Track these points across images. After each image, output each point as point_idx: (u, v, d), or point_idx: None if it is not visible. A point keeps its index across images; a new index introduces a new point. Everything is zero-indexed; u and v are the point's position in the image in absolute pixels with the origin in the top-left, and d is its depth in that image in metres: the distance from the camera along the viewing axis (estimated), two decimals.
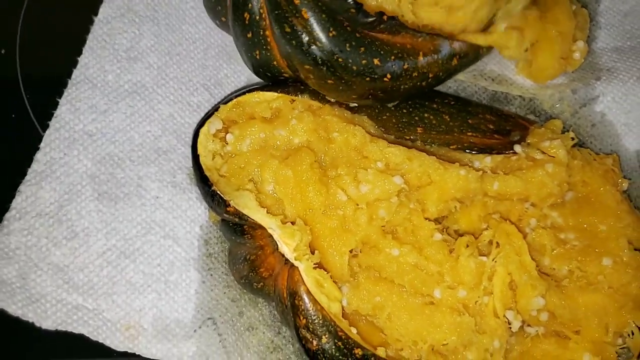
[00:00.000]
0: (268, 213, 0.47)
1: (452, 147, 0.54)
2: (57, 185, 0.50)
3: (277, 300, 0.48)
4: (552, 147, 0.52)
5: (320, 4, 0.45)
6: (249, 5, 0.48)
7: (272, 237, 0.46)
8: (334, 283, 0.46)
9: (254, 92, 0.52)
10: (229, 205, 0.46)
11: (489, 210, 0.52)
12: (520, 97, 0.59)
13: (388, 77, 0.47)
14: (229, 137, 0.51)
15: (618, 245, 0.50)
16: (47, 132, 0.52)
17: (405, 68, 0.48)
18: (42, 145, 0.51)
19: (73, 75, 0.54)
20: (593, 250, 0.50)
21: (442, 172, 0.50)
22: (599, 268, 0.49)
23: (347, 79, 0.47)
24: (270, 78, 0.53)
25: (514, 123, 0.57)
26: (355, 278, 0.48)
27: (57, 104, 0.55)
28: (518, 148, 0.53)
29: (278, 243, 0.45)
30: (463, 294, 0.47)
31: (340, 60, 0.46)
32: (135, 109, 0.54)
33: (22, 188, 0.50)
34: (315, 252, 0.46)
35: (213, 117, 0.51)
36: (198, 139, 0.50)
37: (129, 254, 0.50)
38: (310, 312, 0.45)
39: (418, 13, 0.49)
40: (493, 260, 0.49)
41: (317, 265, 0.46)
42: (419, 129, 0.56)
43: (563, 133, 0.55)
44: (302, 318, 0.45)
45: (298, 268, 0.45)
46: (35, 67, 0.58)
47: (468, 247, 0.49)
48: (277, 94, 0.52)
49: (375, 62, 0.46)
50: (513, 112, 0.58)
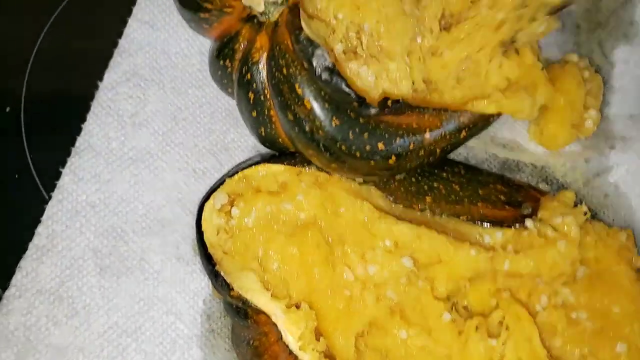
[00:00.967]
0: (273, 296, 0.46)
1: (462, 217, 0.53)
2: (58, 260, 0.50)
3: None
4: (564, 223, 0.51)
5: (324, 94, 0.45)
6: (254, 85, 0.48)
7: (276, 324, 0.45)
8: None
9: (261, 164, 0.52)
10: (233, 289, 0.46)
11: (499, 286, 0.51)
12: (532, 164, 0.58)
13: (393, 159, 0.47)
14: (235, 211, 0.50)
15: (633, 331, 0.49)
16: (49, 203, 0.51)
17: (412, 148, 0.47)
18: (44, 218, 0.51)
19: (77, 143, 0.53)
20: (607, 334, 0.49)
21: (452, 252, 0.49)
22: (613, 354, 0.48)
23: (350, 163, 0.47)
24: (277, 150, 0.53)
25: (525, 194, 0.56)
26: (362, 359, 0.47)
27: (60, 170, 0.54)
28: (530, 223, 0.52)
29: (282, 332, 0.44)
30: None
31: (344, 148, 0.45)
32: (140, 178, 0.53)
33: (22, 264, 0.49)
34: (321, 339, 0.45)
35: (218, 190, 0.51)
36: (203, 214, 0.50)
37: (131, 332, 0.49)
38: None
39: (441, 96, 0.48)
40: (502, 345, 0.48)
41: (322, 353, 0.45)
42: (428, 198, 0.54)
43: (575, 205, 0.54)
44: None
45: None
46: (40, 129, 0.58)
47: (477, 329, 0.48)
48: (283, 166, 0.51)
49: (380, 146, 0.46)
50: (525, 181, 0.57)
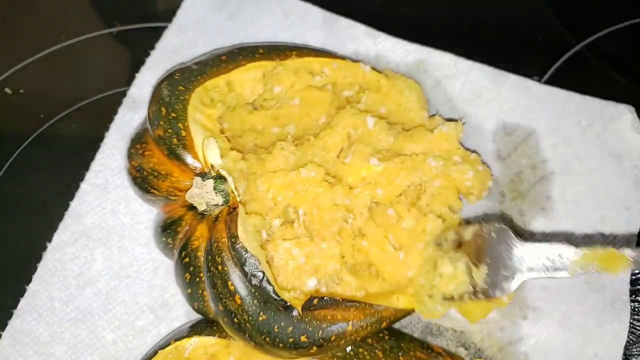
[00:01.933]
0: None
1: None
2: None
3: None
4: None
5: (254, 291, 0.48)
6: (190, 269, 0.52)
7: None
8: None
9: (192, 336, 0.55)
10: None
11: None
12: (452, 329, 0.62)
13: (314, 349, 0.50)
14: None
15: None
16: None
17: (333, 339, 0.51)
18: None
19: (19, 305, 0.55)
20: None
21: None
22: None
23: (274, 352, 0.50)
24: (208, 319, 0.56)
25: None
26: None
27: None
28: None
29: None
30: None
31: (268, 340, 0.49)
32: (79, 339, 0.56)
33: None
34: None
35: None
36: None
37: None
38: None
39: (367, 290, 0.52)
40: None
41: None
42: None
43: None
44: None
45: None
46: None
47: None
48: (214, 339, 0.54)
49: (302, 338, 0.49)
50: (444, 347, 0.61)
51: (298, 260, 0.52)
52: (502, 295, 0.52)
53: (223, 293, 0.49)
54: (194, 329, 0.55)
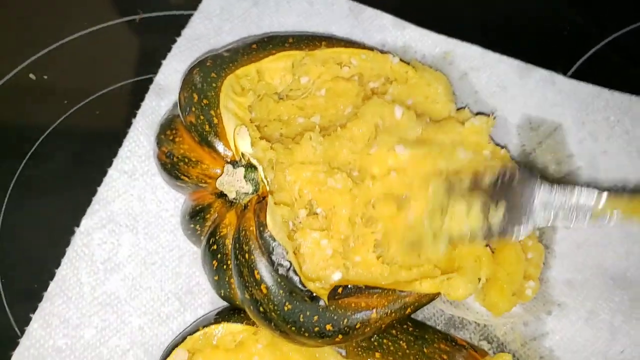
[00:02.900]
0: None
1: None
2: None
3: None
4: None
5: (280, 280, 0.49)
6: (218, 256, 0.52)
7: None
8: None
9: (220, 323, 0.55)
10: None
11: None
12: (476, 322, 0.62)
13: (340, 337, 0.50)
14: None
15: None
16: (16, 350, 0.54)
17: (358, 327, 0.51)
18: None
19: (49, 289, 0.56)
20: None
21: None
22: None
23: (299, 340, 0.50)
24: (234, 306, 0.56)
25: (466, 355, 0.60)
26: None
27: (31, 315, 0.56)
28: None
29: None
30: None
31: (294, 329, 0.49)
32: (107, 323, 0.57)
33: None
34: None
35: (180, 347, 0.54)
36: None
37: None
38: None
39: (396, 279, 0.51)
40: None
41: None
42: (377, 354, 0.58)
43: None
44: None
45: None
46: (15, 277, 0.60)
47: None
48: (242, 326, 0.55)
49: (328, 327, 0.49)
50: (467, 340, 0.61)
51: (325, 252, 0.52)
52: (519, 236, 0.50)
53: (249, 282, 0.49)
54: (221, 316, 0.55)
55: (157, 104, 0.64)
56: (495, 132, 0.67)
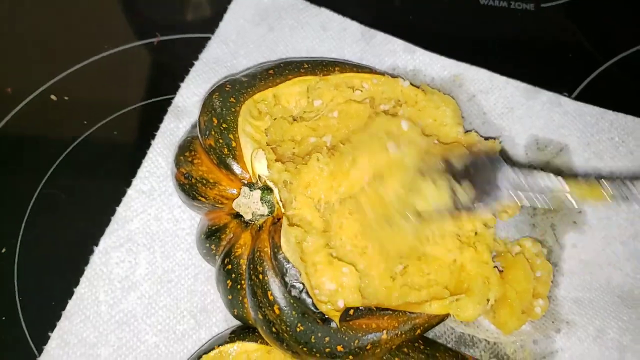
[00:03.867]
0: None
1: None
2: None
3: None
4: None
5: (292, 302, 0.50)
6: (232, 275, 0.54)
7: None
8: None
9: (235, 342, 0.56)
10: None
11: None
12: (486, 340, 0.63)
13: (350, 358, 0.51)
14: None
15: None
16: None
17: (369, 348, 0.52)
18: None
19: (67, 307, 0.57)
20: None
21: None
22: None
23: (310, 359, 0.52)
24: (247, 325, 0.57)
25: None
26: None
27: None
28: None
29: None
30: None
31: (305, 350, 0.50)
32: (123, 342, 0.58)
33: None
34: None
35: None
36: None
37: None
38: None
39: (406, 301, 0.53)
40: None
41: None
42: None
43: None
44: None
45: None
46: (33, 295, 0.62)
47: None
48: (256, 345, 0.56)
49: (339, 348, 0.50)
50: (478, 358, 0.62)
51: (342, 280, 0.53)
52: (484, 212, 0.55)
53: (263, 302, 0.50)
54: (236, 335, 0.56)
55: (175, 126, 0.66)
56: (504, 152, 0.69)
